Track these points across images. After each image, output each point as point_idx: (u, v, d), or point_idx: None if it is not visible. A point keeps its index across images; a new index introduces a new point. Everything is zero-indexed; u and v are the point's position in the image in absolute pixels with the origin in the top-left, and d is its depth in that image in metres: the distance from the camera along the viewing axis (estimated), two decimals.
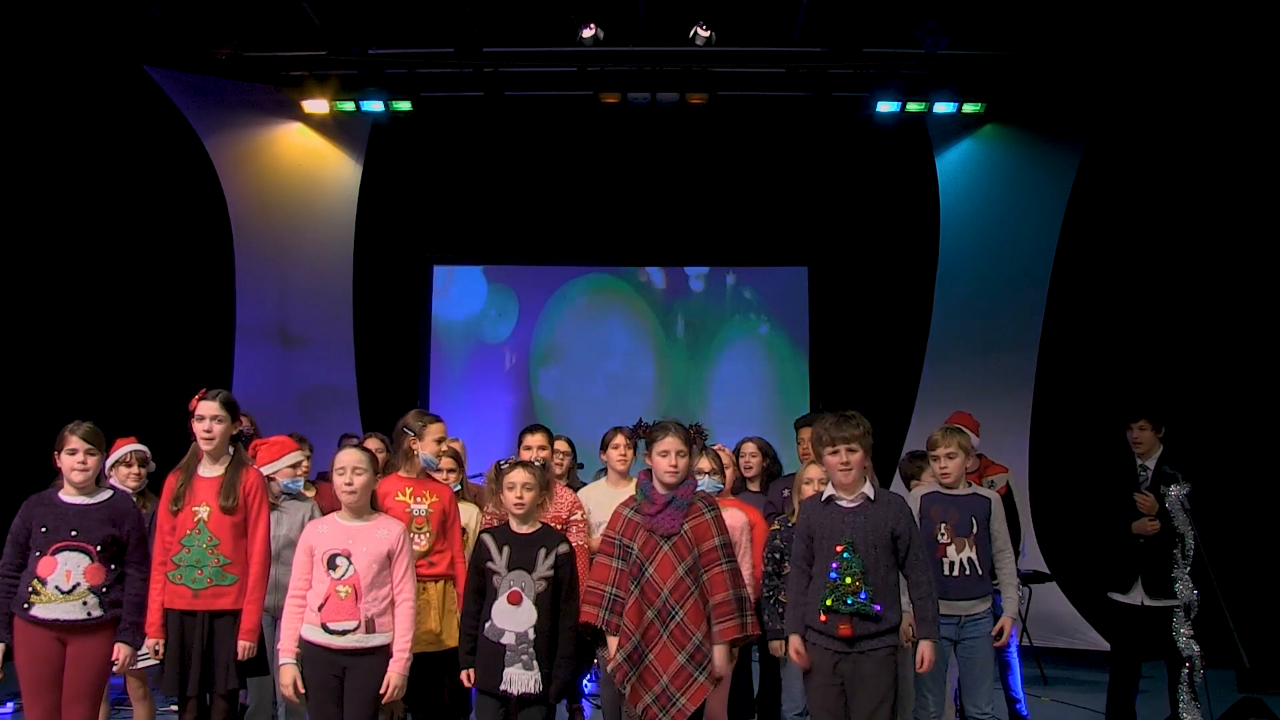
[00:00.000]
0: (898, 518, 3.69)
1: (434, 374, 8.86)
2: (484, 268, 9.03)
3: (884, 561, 3.65)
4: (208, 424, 3.87)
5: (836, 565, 3.64)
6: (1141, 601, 5.02)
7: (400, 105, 8.15)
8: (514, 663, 3.73)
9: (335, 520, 3.78)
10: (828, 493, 3.81)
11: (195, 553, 3.80)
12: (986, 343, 8.33)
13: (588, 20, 7.16)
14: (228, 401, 3.94)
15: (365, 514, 3.77)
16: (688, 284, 8.98)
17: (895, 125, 8.30)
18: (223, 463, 3.92)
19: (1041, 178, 8.34)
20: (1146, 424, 5.13)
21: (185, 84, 8.02)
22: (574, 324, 8.94)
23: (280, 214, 8.61)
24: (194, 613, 3.79)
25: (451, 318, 8.98)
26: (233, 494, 3.84)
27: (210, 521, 3.82)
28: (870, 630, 3.59)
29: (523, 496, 3.86)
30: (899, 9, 7.10)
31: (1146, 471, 5.12)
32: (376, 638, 3.65)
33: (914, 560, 3.69)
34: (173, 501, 3.84)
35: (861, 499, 3.73)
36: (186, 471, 3.90)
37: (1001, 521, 4.39)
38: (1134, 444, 5.17)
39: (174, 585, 3.80)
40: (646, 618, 3.71)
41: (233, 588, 3.82)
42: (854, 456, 3.69)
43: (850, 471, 3.70)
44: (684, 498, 3.80)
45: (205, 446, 3.89)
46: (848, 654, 3.61)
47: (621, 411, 6.61)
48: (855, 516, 3.70)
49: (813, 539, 3.77)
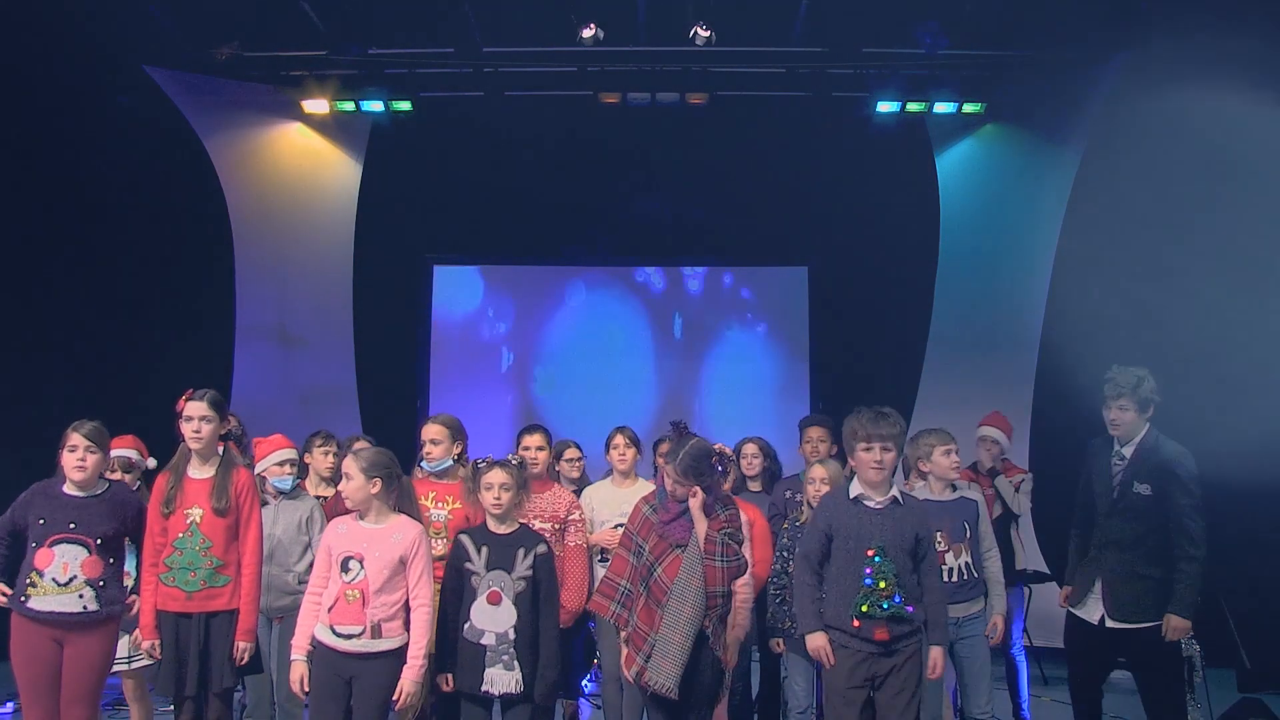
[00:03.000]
0: (921, 522, 3.70)
1: (434, 374, 8.86)
2: (483, 268, 9.03)
3: (909, 564, 3.65)
4: (196, 424, 3.87)
5: (870, 570, 3.60)
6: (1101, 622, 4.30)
7: (400, 105, 8.15)
8: (495, 663, 3.72)
9: (354, 522, 3.74)
10: (855, 491, 3.74)
11: (188, 555, 3.80)
12: (986, 342, 8.33)
13: (588, 20, 7.15)
14: (215, 401, 3.93)
15: (384, 516, 3.73)
16: (685, 284, 8.97)
17: (895, 125, 8.29)
18: (213, 464, 3.91)
19: (1041, 178, 8.33)
20: (1129, 403, 4.30)
21: (185, 84, 8.03)
22: (573, 324, 8.93)
23: (280, 214, 8.61)
24: (189, 614, 3.79)
25: (451, 318, 8.97)
26: (225, 496, 3.84)
27: (203, 524, 3.82)
28: (904, 631, 3.60)
29: (500, 497, 3.85)
30: (899, 9, 7.09)
31: (1123, 461, 4.33)
32: (383, 643, 3.61)
33: (929, 566, 3.70)
34: (164, 504, 3.83)
35: (890, 501, 3.69)
36: (176, 473, 3.89)
37: (988, 523, 4.41)
38: (1112, 425, 4.35)
39: (167, 588, 3.79)
40: (658, 618, 3.67)
41: (226, 588, 3.83)
42: (888, 456, 3.66)
43: (883, 470, 3.67)
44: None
45: (194, 447, 3.89)
46: (880, 656, 3.59)
47: (620, 411, 6.62)
48: (884, 519, 3.66)
49: (832, 538, 3.71)
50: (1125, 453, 4.33)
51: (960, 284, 8.46)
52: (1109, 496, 4.34)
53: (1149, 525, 4.21)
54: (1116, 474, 4.33)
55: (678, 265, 8.96)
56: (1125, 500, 4.27)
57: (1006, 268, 8.38)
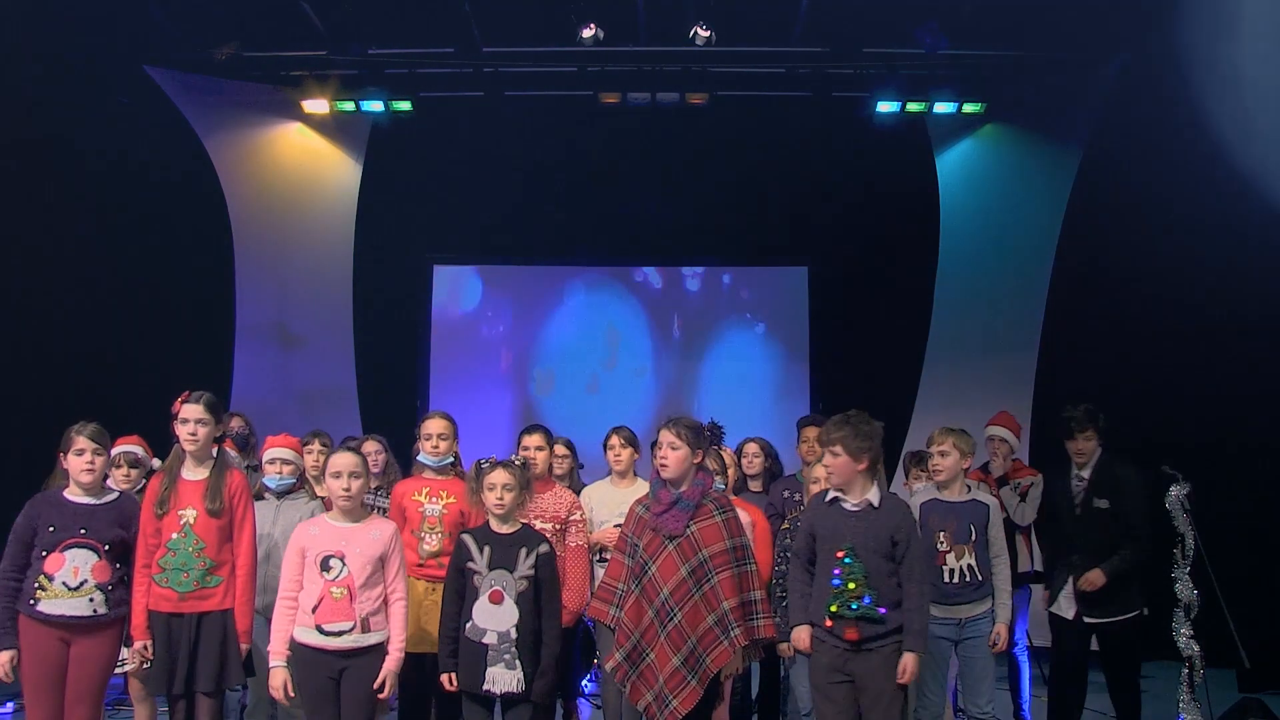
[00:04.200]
0: (899, 525, 3.66)
1: (434, 374, 8.86)
2: (481, 268, 9.02)
3: (885, 567, 3.63)
4: (192, 427, 3.89)
5: (839, 571, 3.63)
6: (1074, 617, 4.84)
7: (400, 105, 8.13)
8: (496, 662, 3.74)
9: (326, 522, 3.80)
10: (832, 493, 3.79)
11: (181, 556, 3.81)
12: (986, 342, 8.33)
13: (588, 20, 7.15)
14: (212, 404, 3.95)
15: (358, 516, 3.80)
16: (684, 284, 8.97)
17: (895, 125, 8.29)
18: (207, 465, 3.93)
19: (1041, 178, 8.33)
20: (1094, 433, 4.80)
21: (185, 84, 8.02)
22: (572, 324, 8.93)
23: (280, 214, 8.61)
24: (180, 614, 3.80)
25: (451, 317, 8.97)
26: (218, 497, 3.86)
27: (197, 525, 3.83)
28: (877, 632, 3.60)
29: (503, 497, 3.87)
30: (899, 9, 7.09)
31: (1083, 481, 4.84)
32: (372, 636, 3.69)
33: (909, 571, 3.64)
34: (157, 505, 3.84)
35: (865, 504, 3.70)
36: (170, 474, 3.90)
37: (999, 528, 4.40)
38: (1076, 454, 4.85)
39: (160, 588, 3.80)
40: (646, 617, 3.68)
41: (218, 588, 3.85)
42: (835, 460, 3.67)
43: (833, 475, 3.70)
44: (690, 498, 3.72)
45: (189, 449, 3.90)
46: (853, 654, 3.62)
47: (619, 411, 6.63)
48: (857, 521, 3.68)
49: (815, 538, 3.76)
50: (1084, 474, 4.86)
51: (960, 284, 8.45)
52: (1072, 513, 4.87)
53: (1109, 534, 4.74)
54: (1078, 494, 4.86)
55: (676, 265, 8.96)
56: (1087, 514, 4.80)
57: (1006, 268, 8.37)
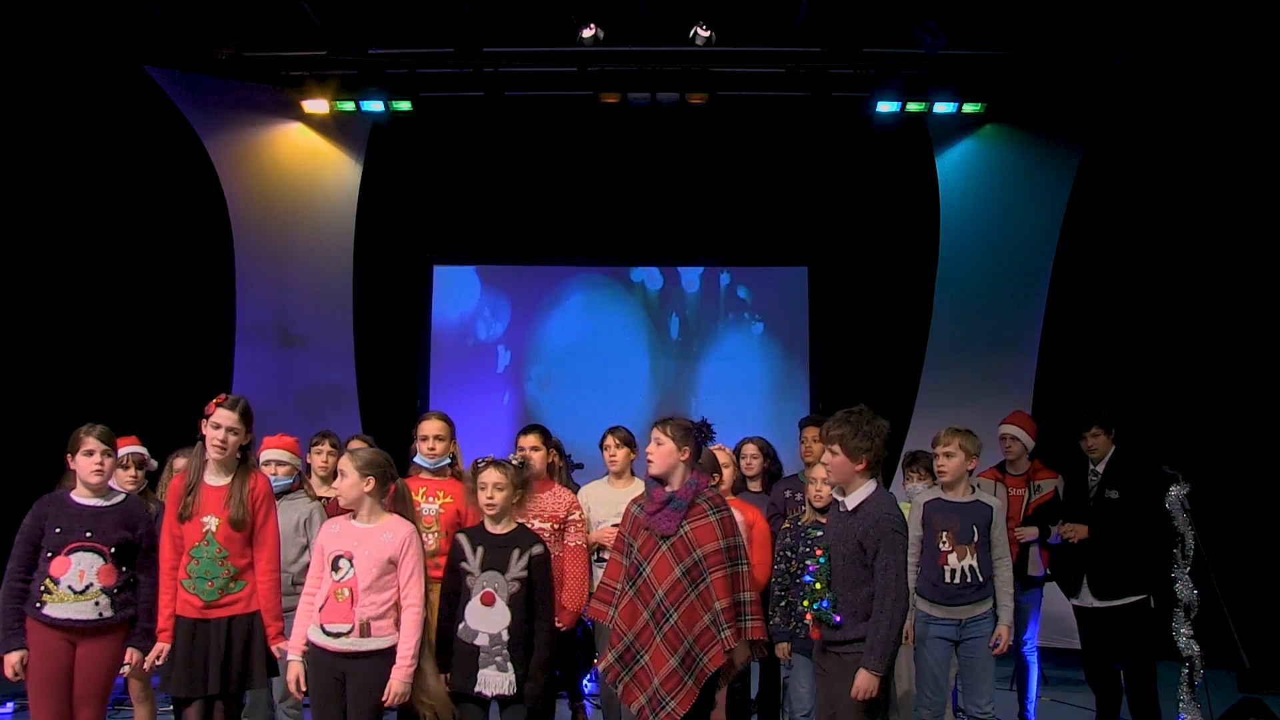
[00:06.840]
0: (867, 532, 3.44)
1: (434, 374, 8.85)
2: (480, 267, 9.02)
3: (851, 574, 3.49)
4: (223, 434, 3.80)
5: (813, 569, 3.66)
6: (1091, 604, 5.06)
7: (400, 105, 8.13)
8: (488, 664, 3.71)
9: (346, 521, 3.75)
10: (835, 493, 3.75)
11: (204, 564, 3.77)
12: (986, 343, 8.32)
13: (588, 20, 7.15)
14: (246, 413, 3.86)
15: (376, 516, 3.73)
16: (683, 284, 8.96)
17: (895, 125, 8.28)
18: (230, 470, 3.86)
19: (1041, 178, 8.33)
20: (1100, 430, 5.12)
21: (185, 84, 8.01)
22: (571, 324, 8.92)
23: (280, 214, 8.60)
24: (206, 620, 3.77)
25: (451, 317, 8.97)
26: (241, 505, 3.80)
27: (219, 533, 3.78)
28: (835, 637, 3.53)
29: (494, 496, 3.84)
30: (899, 9, 7.09)
31: (1097, 476, 5.14)
32: (372, 642, 3.60)
33: (880, 583, 3.40)
34: (180, 511, 3.81)
35: (846, 506, 3.60)
36: (193, 479, 3.84)
37: (1002, 529, 4.39)
38: (1089, 451, 5.17)
39: (184, 593, 3.77)
40: (641, 618, 3.64)
41: (243, 592, 3.82)
42: (833, 459, 3.57)
43: (831, 474, 3.64)
44: (683, 498, 3.66)
45: (216, 455, 3.81)
46: (823, 652, 3.63)
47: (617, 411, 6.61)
48: (836, 522, 3.65)
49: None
50: (1099, 469, 5.15)
51: (960, 284, 8.44)
52: (1086, 505, 5.15)
53: (1118, 522, 5.00)
54: (1092, 487, 5.16)
55: (675, 265, 8.95)
56: (1099, 504, 5.09)
57: (1006, 267, 8.36)
